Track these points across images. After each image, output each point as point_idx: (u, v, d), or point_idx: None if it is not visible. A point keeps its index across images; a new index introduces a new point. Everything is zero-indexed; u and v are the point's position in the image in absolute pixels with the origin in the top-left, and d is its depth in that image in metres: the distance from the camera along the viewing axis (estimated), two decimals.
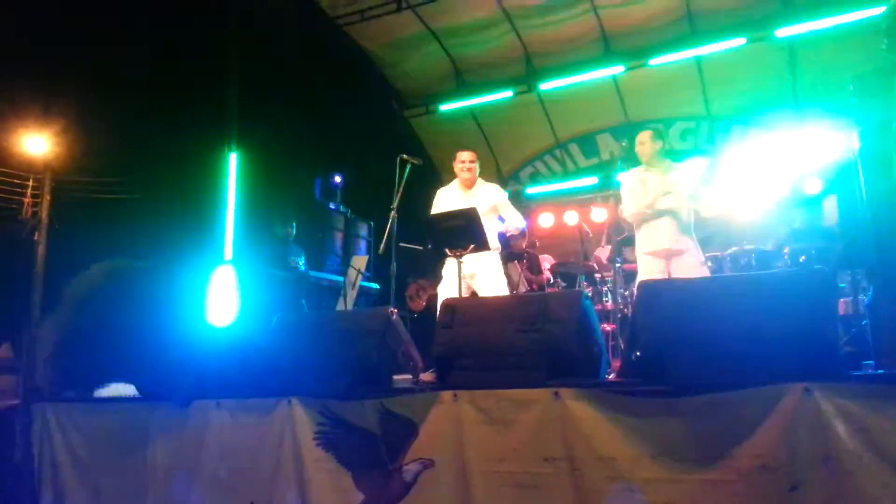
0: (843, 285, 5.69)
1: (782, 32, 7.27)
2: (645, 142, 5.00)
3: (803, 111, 7.41)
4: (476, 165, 5.19)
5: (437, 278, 5.23)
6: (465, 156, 5.17)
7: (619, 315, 5.63)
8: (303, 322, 4.26)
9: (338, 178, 8.28)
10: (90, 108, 7.60)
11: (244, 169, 6.73)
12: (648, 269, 4.80)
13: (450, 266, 4.89)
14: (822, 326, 2.71)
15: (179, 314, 5.51)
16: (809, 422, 2.55)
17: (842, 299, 5.67)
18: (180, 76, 7.15)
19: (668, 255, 4.81)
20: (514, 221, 5.17)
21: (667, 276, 4.75)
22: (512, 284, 6.91)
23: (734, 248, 6.08)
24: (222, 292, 6.03)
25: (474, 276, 4.93)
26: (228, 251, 6.39)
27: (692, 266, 4.78)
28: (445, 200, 5.19)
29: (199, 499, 3.92)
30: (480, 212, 4.88)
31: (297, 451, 3.59)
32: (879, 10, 6.48)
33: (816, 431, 2.53)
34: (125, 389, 4.65)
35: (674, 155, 8.29)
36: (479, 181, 5.24)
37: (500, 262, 5.19)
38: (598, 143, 9.42)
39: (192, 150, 6.84)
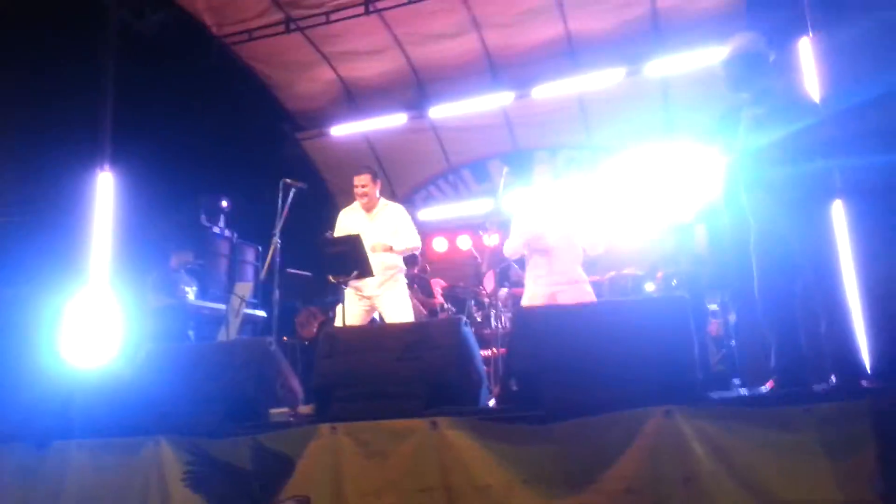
0: (714, 307, 6.07)
1: (652, 68, 7.72)
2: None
3: (675, 143, 7.87)
4: (371, 188, 5.16)
5: (327, 305, 5.15)
6: (358, 181, 5.17)
7: (507, 340, 5.72)
8: (175, 354, 4.04)
9: (224, 203, 7.98)
10: None
11: (119, 190, 6.35)
12: (531, 297, 4.90)
13: (350, 291, 4.83)
14: (681, 351, 2.85)
15: (42, 346, 5.13)
16: (671, 444, 2.66)
17: (713, 320, 6.05)
18: (50, 89, 6.69)
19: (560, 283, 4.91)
20: (405, 242, 5.13)
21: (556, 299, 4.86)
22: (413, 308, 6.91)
23: (612, 273, 6.37)
24: (96, 322, 5.66)
25: (378, 296, 4.89)
26: (103, 278, 5.99)
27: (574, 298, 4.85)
28: (347, 221, 5.17)
29: None
30: (384, 233, 4.88)
31: (165, 494, 3.39)
32: None
33: (677, 453, 2.64)
34: None
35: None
36: (381, 201, 5.24)
37: (404, 284, 5.17)
38: (489, 169, 9.63)
39: (60, 168, 6.39)
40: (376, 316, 5.11)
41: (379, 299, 4.97)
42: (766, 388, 3.16)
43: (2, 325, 4.91)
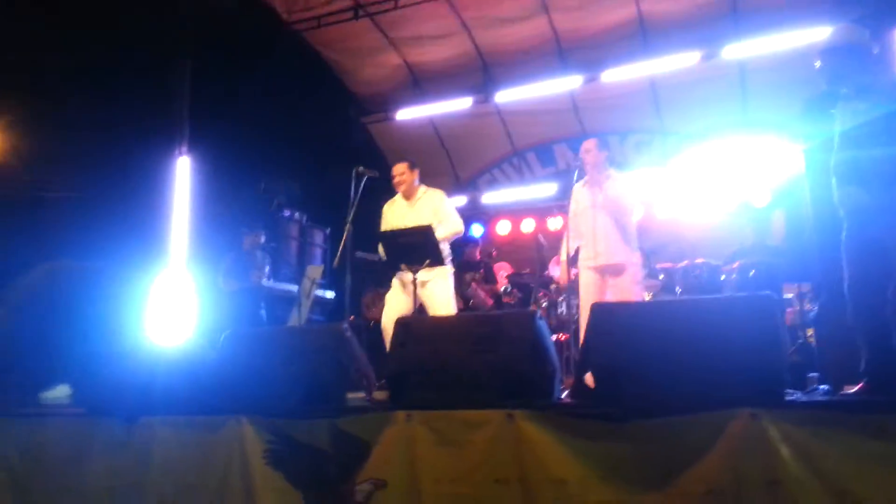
0: (789, 296, 5.87)
1: (730, 52, 7.45)
2: (591, 149, 4.97)
3: (752, 128, 7.60)
4: (408, 176, 5.14)
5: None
6: (395, 170, 5.18)
7: (574, 326, 5.68)
8: (253, 337, 4.17)
9: (294, 186, 8.14)
10: (32, 104, 7.30)
11: (196, 174, 6.56)
12: (585, 284, 4.84)
13: (400, 275, 4.87)
14: (767, 352, 2.77)
15: (126, 323, 5.35)
16: (755, 447, 2.60)
17: (788, 309, 5.85)
18: (130, 76, 6.93)
19: (603, 271, 4.84)
20: (448, 227, 5.04)
21: (602, 291, 4.78)
22: (464, 294, 6.93)
23: (686, 262, 6.21)
24: (175, 303, 5.87)
25: (425, 283, 4.91)
26: (181, 259, 6.22)
27: (626, 287, 4.77)
28: (391, 214, 5.18)
29: None
30: (425, 219, 4.89)
31: (246, 469, 3.52)
32: (823, 32, 6.73)
33: (762, 457, 2.58)
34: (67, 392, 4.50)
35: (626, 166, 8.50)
36: (422, 188, 5.22)
37: (449, 272, 5.14)
38: (554, 153, 9.52)
39: (140, 152, 6.63)
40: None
41: (424, 288, 4.88)
42: (854, 390, 3.04)
43: (92, 298, 5.11)
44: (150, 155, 6.79)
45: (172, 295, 5.95)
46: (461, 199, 9.60)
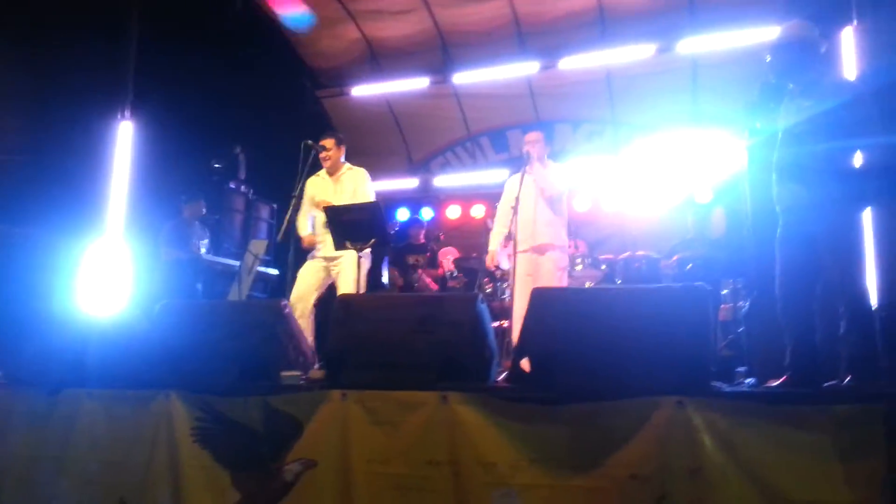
0: (725, 292, 6.02)
1: (684, 46, 7.56)
2: (538, 141, 5.12)
3: (701, 123, 7.74)
4: (335, 153, 5.08)
5: None
6: (324, 142, 5.07)
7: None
8: (189, 310, 4.06)
9: (238, 151, 7.86)
10: None
11: (138, 139, 6.32)
12: (519, 268, 4.89)
13: (313, 253, 4.85)
14: (697, 342, 2.83)
15: (56, 292, 5.15)
16: (680, 434, 2.66)
17: (723, 305, 6.00)
18: (72, 37, 6.59)
19: (533, 252, 4.91)
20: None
21: (534, 275, 4.85)
22: (408, 277, 6.90)
23: (627, 253, 6.31)
24: (110, 272, 5.67)
25: (336, 261, 4.84)
26: (118, 227, 6.00)
27: (547, 270, 4.88)
28: (313, 188, 5.08)
29: (64, 491, 3.69)
30: (345, 197, 4.83)
31: (173, 447, 3.44)
32: (773, 31, 6.89)
33: (686, 444, 2.64)
34: None
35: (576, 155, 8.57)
36: (346, 166, 5.15)
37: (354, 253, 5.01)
38: (508, 139, 9.51)
39: (81, 115, 6.34)
40: None
41: (335, 264, 4.85)
42: (776, 384, 3.14)
43: (17, 265, 4.90)
44: (90, 118, 6.51)
45: (107, 263, 5.75)
46: (413, 181, 9.55)
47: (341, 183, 5.04)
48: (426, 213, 9.17)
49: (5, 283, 4.59)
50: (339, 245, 4.39)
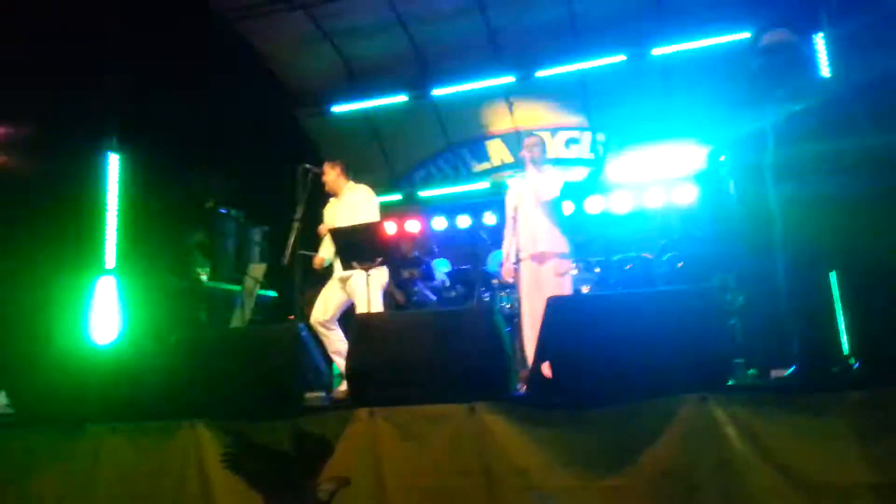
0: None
1: (658, 51, 7.80)
2: (536, 145, 5.14)
3: (677, 126, 7.97)
4: (330, 175, 5.17)
5: None
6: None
7: (516, 320, 5.82)
8: (205, 340, 4.10)
9: (230, 182, 7.90)
10: None
11: (127, 172, 6.30)
12: (525, 276, 4.98)
13: (336, 269, 4.91)
14: (715, 339, 2.96)
15: (61, 326, 5.13)
16: (705, 429, 2.79)
17: None
18: (54, 75, 6.55)
19: (536, 260, 4.97)
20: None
21: (539, 282, 4.93)
22: (407, 290, 6.97)
23: (619, 256, 6.48)
24: (105, 305, 5.65)
25: (349, 280, 4.88)
26: (111, 259, 5.98)
27: (546, 278, 4.90)
28: (327, 214, 5.22)
29: None
30: (346, 215, 4.90)
31: (204, 474, 3.49)
32: (744, 36, 7.17)
33: (712, 438, 2.77)
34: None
35: (559, 163, 8.75)
36: (349, 185, 5.24)
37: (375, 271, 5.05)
38: (487, 149, 9.66)
39: (68, 151, 6.30)
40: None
41: (349, 285, 4.89)
42: (788, 373, 3.27)
43: (21, 300, 4.88)
44: (78, 155, 6.47)
45: (106, 295, 5.73)
46: (396, 196, 9.63)
47: (342, 202, 5.12)
48: (412, 226, 9.25)
49: (10, 319, 4.57)
50: (346, 266, 4.47)
